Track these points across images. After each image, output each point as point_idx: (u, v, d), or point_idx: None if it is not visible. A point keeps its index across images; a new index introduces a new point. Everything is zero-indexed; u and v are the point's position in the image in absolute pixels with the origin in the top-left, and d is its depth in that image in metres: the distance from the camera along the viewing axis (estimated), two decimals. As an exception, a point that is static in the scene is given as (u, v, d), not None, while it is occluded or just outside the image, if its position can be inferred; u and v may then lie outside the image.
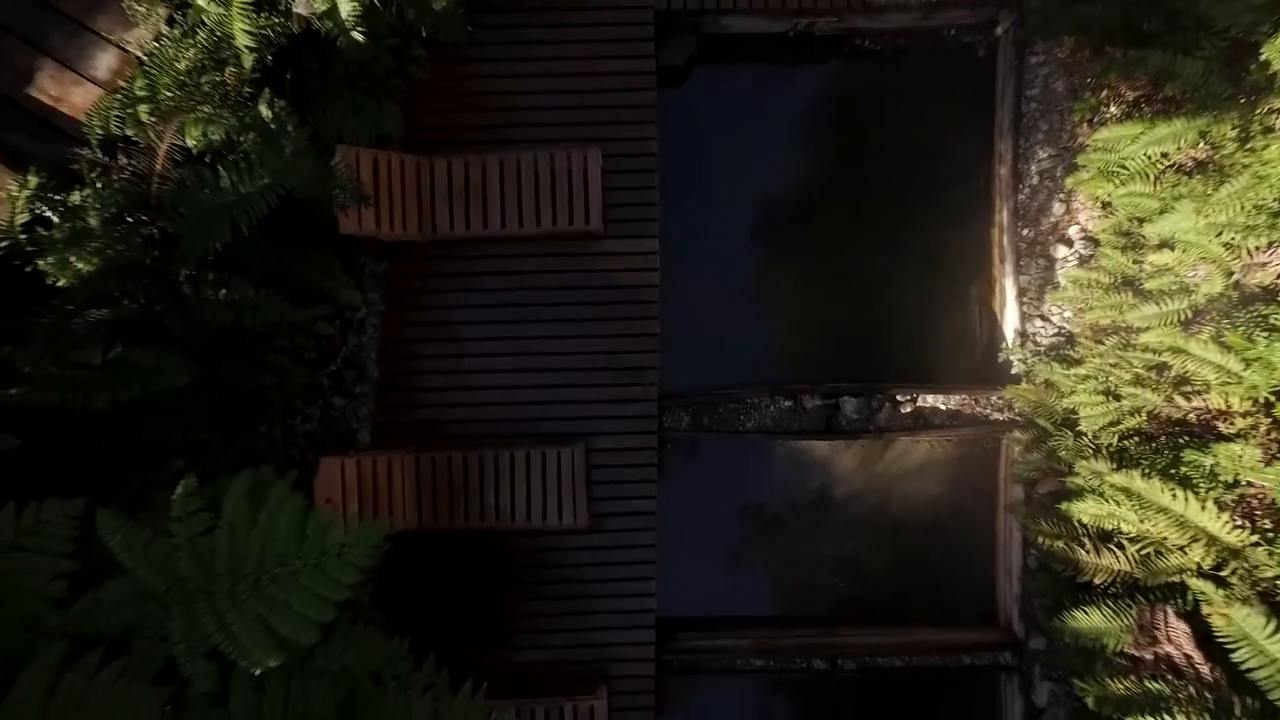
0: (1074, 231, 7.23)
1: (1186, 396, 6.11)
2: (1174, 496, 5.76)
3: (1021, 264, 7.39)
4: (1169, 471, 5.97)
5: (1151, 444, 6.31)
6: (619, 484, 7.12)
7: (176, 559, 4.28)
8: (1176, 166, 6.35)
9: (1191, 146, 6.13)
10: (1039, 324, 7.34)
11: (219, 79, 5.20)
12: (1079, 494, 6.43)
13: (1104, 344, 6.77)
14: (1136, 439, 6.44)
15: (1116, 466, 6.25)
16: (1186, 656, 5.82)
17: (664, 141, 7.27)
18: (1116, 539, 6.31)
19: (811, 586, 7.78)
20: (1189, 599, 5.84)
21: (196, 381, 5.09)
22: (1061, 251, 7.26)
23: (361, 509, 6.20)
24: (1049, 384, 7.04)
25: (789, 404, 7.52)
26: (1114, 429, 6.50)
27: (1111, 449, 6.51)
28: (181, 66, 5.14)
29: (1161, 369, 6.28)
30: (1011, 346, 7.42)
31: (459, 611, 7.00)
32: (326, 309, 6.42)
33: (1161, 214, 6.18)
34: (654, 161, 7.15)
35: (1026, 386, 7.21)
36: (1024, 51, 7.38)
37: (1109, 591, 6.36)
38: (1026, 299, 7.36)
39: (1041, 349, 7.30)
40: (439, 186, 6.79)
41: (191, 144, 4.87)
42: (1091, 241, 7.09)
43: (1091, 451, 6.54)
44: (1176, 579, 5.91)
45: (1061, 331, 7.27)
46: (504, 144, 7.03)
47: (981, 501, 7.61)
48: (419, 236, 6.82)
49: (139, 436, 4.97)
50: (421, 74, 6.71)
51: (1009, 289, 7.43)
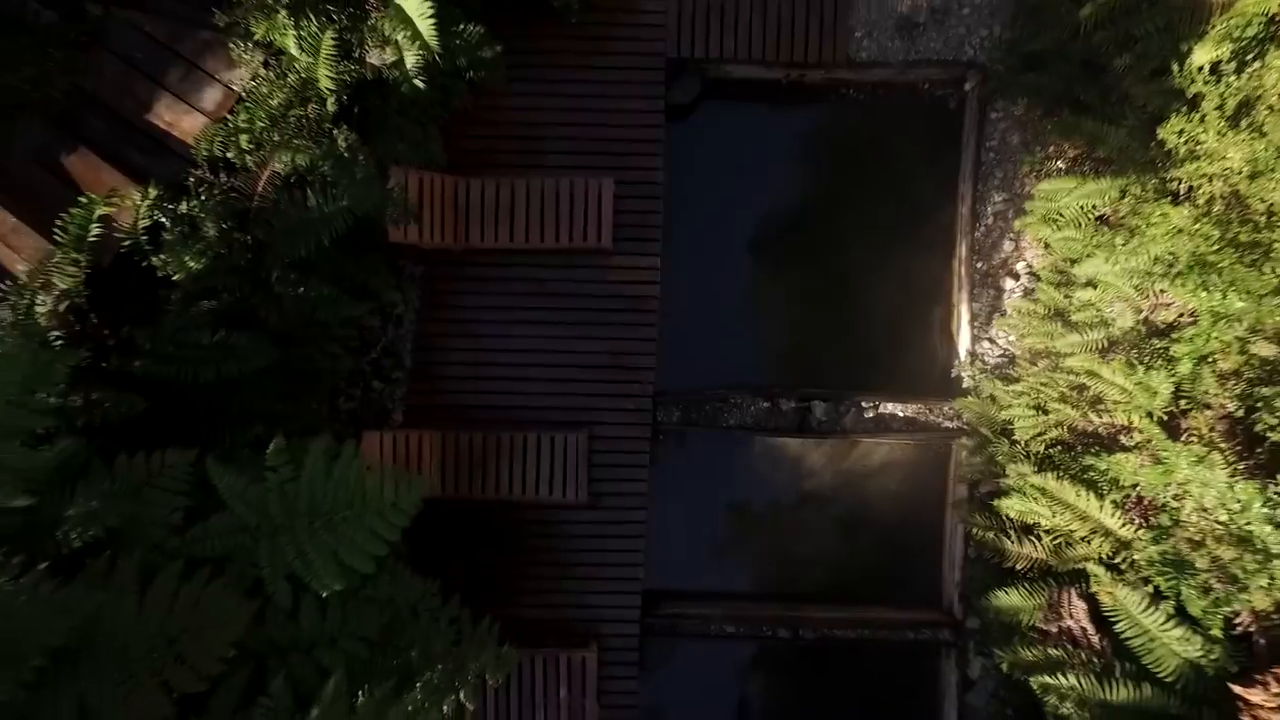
0: (1020, 267, 8.54)
1: (1099, 413, 7.41)
2: (1078, 495, 7.08)
3: (975, 292, 8.68)
4: (1079, 475, 7.28)
5: (1070, 452, 7.61)
6: (616, 467, 8.42)
7: (267, 500, 5.59)
8: (1103, 217, 7.65)
9: (1115, 201, 7.42)
10: (987, 345, 8.65)
11: (304, 114, 6.51)
12: (1008, 493, 7.74)
13: (1037, 365, 8.08)
14: (1059, 447, 7.75)
15: (1038, 469, 7.57)
16: (1083, 629, 7.15)
17: (669, 169, 8.57)
18: (1036, 531, 7.63)
19: (780, 566, 9.09)
20: (1090, 582, 7.14)
21: (274, 363, 6.40)
22: (1009, 284, 8.57)
23: (397, 476, 7.49)
24: (992, 398, 8.34)
25: (767, 405, 8.83)
26: (1041, 438, 7.80)
27: (1038, 455, 7.82)
28: (274, 103, 6.44)
29: (1081, 389, 7.58)
30: (963, 364, 8.72)
31: (473, 571, 8.28)
32: (373, 305, 7.72)
33: (1087, 257, 7.48)
34: (659, 190, 8.45)
35: (973, 399, 8.49)
36: (986, 107, 8.67)
37: (1027, 576, 7.68)
38: (977, 323, 8.66)
39: (988, 367, 8.60)
40: (473, 203, 8.08)
41: (279, 168, 6.17)
42: (1034, 276, 8.39)
43: (1022, 457, 7.85)
44: (1081, 565, 7.22)
45: (1005, 353, 8.57)
46: (530, 169, 8.32)
47: (932, 498, 8.91)
48: (453, 246, 8.11)
49: (229, 405, 6.27)
50: (461, 105, 7.99)
51: (964, 314, 8.73)
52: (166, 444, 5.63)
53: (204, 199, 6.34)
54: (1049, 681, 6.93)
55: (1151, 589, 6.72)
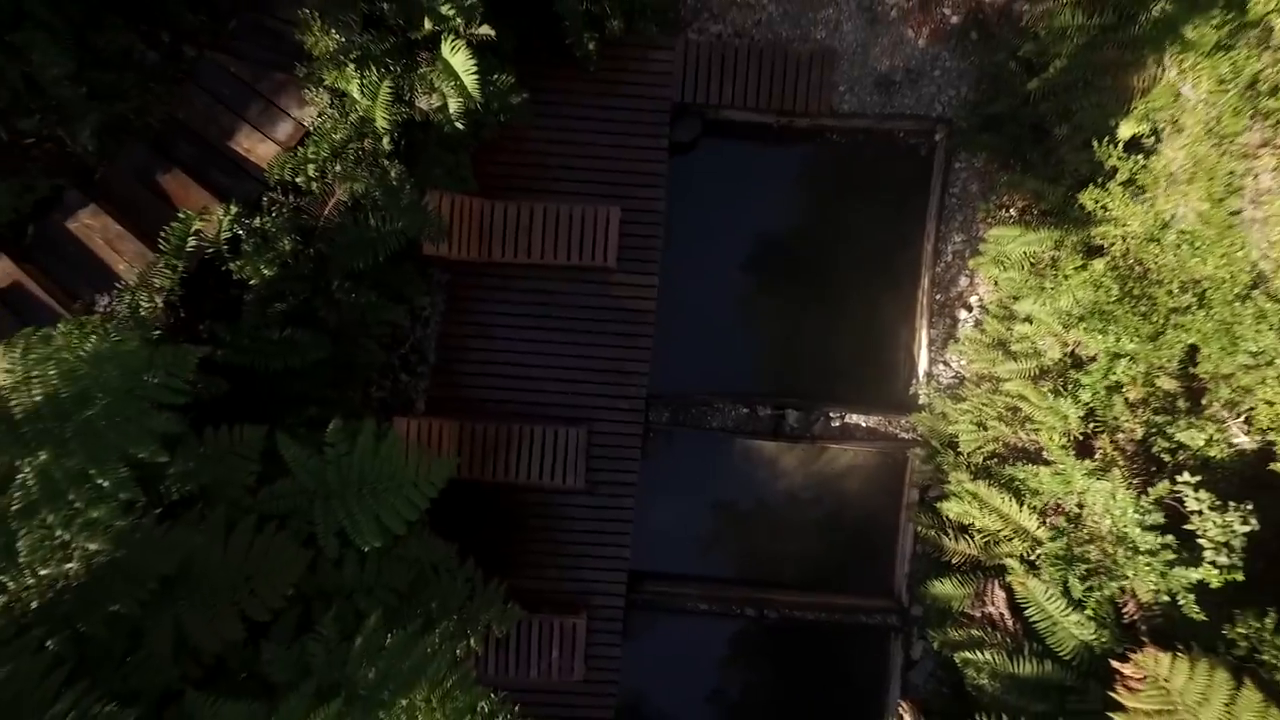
0: (973, 300, 9.95)
1: (1028, 431, 8.83)
2: (1003, 501, 8.51)
3: (934, 320, 10.09)
4: (1006, 483, 8.70)
5: (1003, 463, 9.03)
6: (610, 460, 9.83)
7: (326, 469, 7.00)
8: (1041, 262, 9.05)
9: (1051, 250, 8.83)
10: (941, 368, 10.06)
11: (361, 148, 7.90)
12: (949, 497, 9.17)
13: (981, 388, 9.49)
14: (995, 459, 9.17)
15: (974, 477, 8.99)
16: (1001, 615, 8.58)
17: (670, 198, 9.96)
18: (970, 531, 9.05)
19: (751, 554, 10.52)
20: (1009, 575, 8.56)
21: (327, 356, 7.81)
22: (963, 314, 9.98)
23: (422, 457, 8.90)
24: (942, 414, 9.75)
25: (746, 411, 10.24)
26: (981, 451, 9.23)
27: (978, 465, 9.24)
28: (337, 138, 7.83)
29: (1015, 410, 9.00)
30: (920, 383, 10.13)
31: (481, 545, 9.66)
32: (407, 307, 9.13)
33: (1024, 297, 8.88)
34: (660, 217, 9.84)
35: (927, 414, 9.91)
36: (952, 158, 10.07)
37: (960, 568, 9.11)
38: (934, 347, 10.07)
39: (941, 387, 10.02)
40: (496, 222, 9.46)
41: (343, 196, 7.56)
42: (984, 309, 9.80)
43: (962, 466, 9.27)
44: (1003, 561, 8.64)
45: (956, 375, 9.99)
46: (547, 194, 9.72)
47: (888, 500, 10.33)
48: (477, 258, 9.50)
49: (290, 390, 7.67)
50: (490, 136, 9.37)
51: (923, 338, 10.14)
52: (242, 420, 7.04)
53: (274, 216, 7.74)
54: (969, 657, 8.36)
55: (1084, 590, 8.14)
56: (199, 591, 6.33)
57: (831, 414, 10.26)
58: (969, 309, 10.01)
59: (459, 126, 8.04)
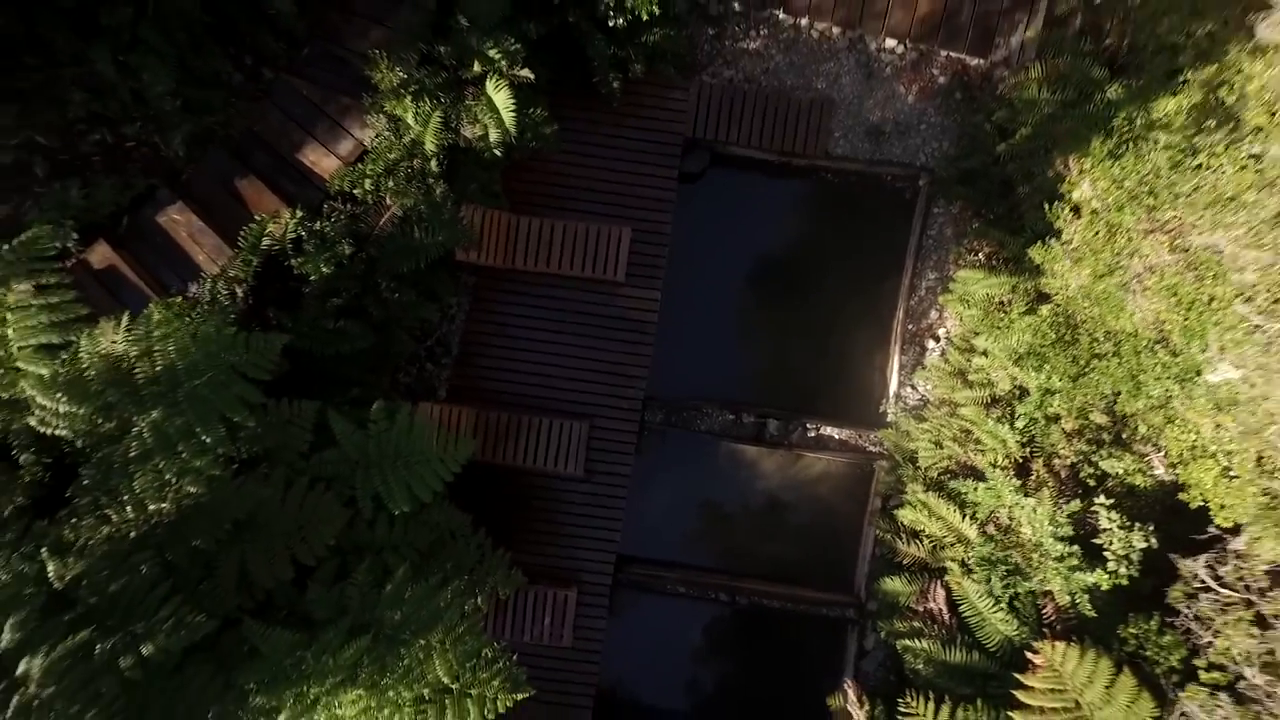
0: (941, 332, 11.43)
1: (977, 452, 10.30)
2: (948, 510, 9.98)
3: (905, 347, 11.56)
4: (953, 496, 10.17)
5: (954, 479, 10.50)
6: (608, 452, 11.30)
7: (367, 442, 8.49)
8: (998, 304, 10.52)
9: (1008, 294, 10.29)
10: (909, 390, 11.53)
11: (411, 167, 9.37)
12: (905, 505, 10.65)
13: (941, 411, 10.96)
14: (947, 474, 10.64)
15: (927, 489, 10.47)
16: (940, 610, 10.06)
17: (677, 221, 11.42)
18: (920, 536, 10.53)
19: (728, 546, 12.00)
20: (948, 576, 10.04)
21: (370, 346, 9.29)
22: (931, 345, 11.46)
23: (442, 438, 10.38)
24: (906, 432, 11.23)
25: (732, 417, 11.72)
26: (936, 466, 10.71)
27: (933, 479, 10.71)
28: (391, 157, 9.30)
29: (968, 432, 10.47)
30: (889, 403, 11.61)
31: (490, 519, 11.13)
32: (438, 305, 10.60)
33: (982, 334, 10.35)
34: (666, 239, 11.30)
35: (893, 431, 11.38)
36: (931, 203, 11.54)
37: (910, 569, 10.58)
38: (904, 372, 11.54)
39: (907, 407, 11.49)
40: (520, 234, 10.92)
41: (396, 210, 9.03)
42: (949, 341, 11.27)
43: (919, 479, 10.75)
44: (946, 563, 10.12)
45: (921, 398, 11.46)
46: (567, 211, 11.18)
47: (854, 506, 11.81)
48: (501, 265, 10.97)
49: (337, 373, 9.15)
50: (519, 157, 10.83)
51: (895, 363, 11.61)
52: (299, 396, 8.52)
53: (333, 221, 9.22)
54: (909, 644, 9.86)
55: (1002, 589, 9.62)
56: (261, 535, 7.81)
57: (808, 425, 11.74)
58: (936, 340, 11.48)
59: (496, 154, 9.52)
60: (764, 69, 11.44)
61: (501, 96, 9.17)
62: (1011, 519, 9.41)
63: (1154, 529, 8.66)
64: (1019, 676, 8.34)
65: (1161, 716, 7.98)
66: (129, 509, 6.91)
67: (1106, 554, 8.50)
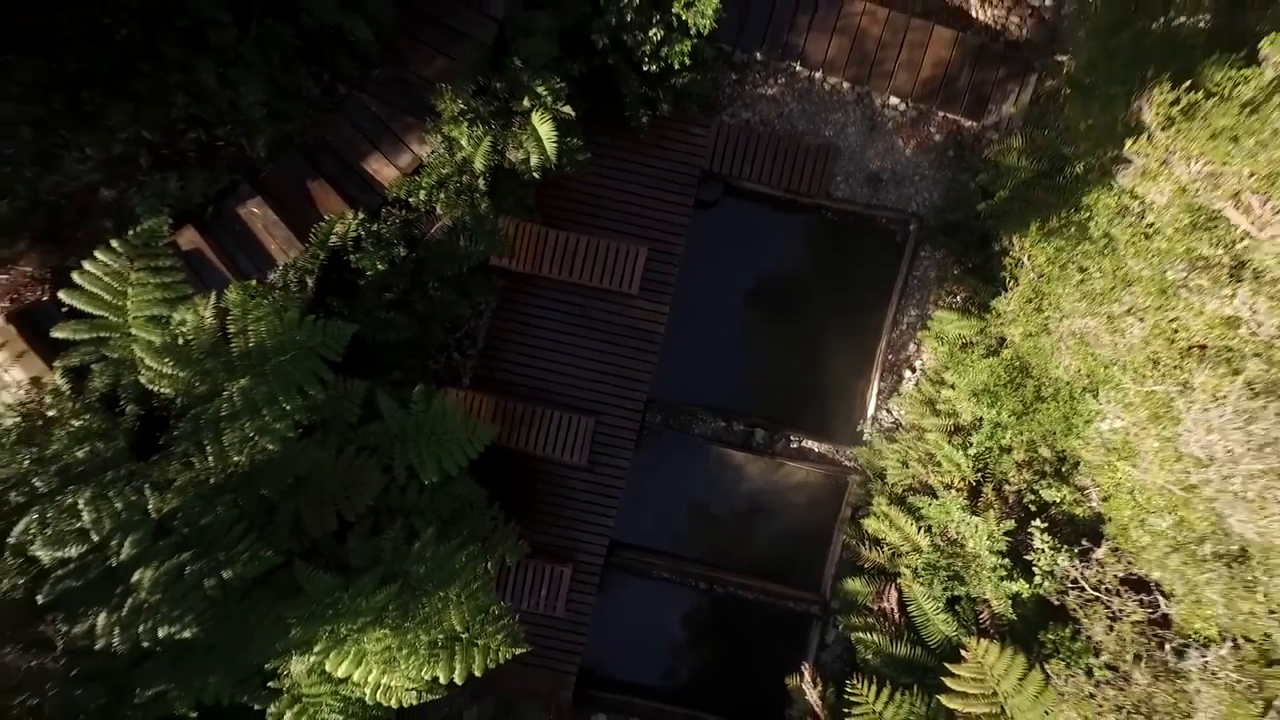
0: (917, 364, 13.07)
1: (938, 474, 11.95)
2: (905, 522, 11.63)
3: (885, 375, 13.20)
4: (911, 509, 11.82)
5: (916, 495, 12.15)
6: (610, 446, 12.94)
7: (408, 420, 10.13)
8: (967, 344, 12.15)
9: (976, 335, 11.92)
10: (884, 414, 13.18)
11: (460, 183, 11.00)
12: (870, 515, 12.30)
13: (910, 434, 12.60)
14: (910, 491, 12.28)
15: (890, 503, 12.11)
16: (892, 609, 11.71)
17: (690, 243, 13.05)
18: (881, 544, 12.17)
19: (711, 541, 13.65)
20: (901, 580, 11.69)
21: (412, 336, 10.93)
22: (907, 374, 13.10)
23: (465, 422, 12.03)
24: (879, 451, 12.86)
25: (724, 424, 13.36)
26: (901, 483, 12.35)
27: (896, 495, 12.36)
28: (443, 172, 10.92)
29: (931, 455, 12.11)
30: (866, 423, 13.25)
31: (501, 496, 12.76)
32: (470, 303, 12.24)
33: (949, 369, 11.99)
34: (678, 259, 12.93)
35: (867, 449, 13.02)
36: (919, 247, 13.17)
37: (870, 571, 12.22)
38: (881, 397, 13.18)
39: (882, 429, 13.13)
40: (547, 245, 12.55)
41: (447, 220, 10.67)
42: (923, 373, 12.91)
43: (885, 493, 12.39)
44: (901, 569, 11.76)
45: (895, 422, 13.10)
46: (591, 228, 12.81)
47: (827, 514, 13.45)
48: (529, 271, 12.59)
49: (381, 358, 10.79)
50: (552, 176, 12.45)
51: (874, 388, 13.25)
52: (350, 375, 10.15)
53: (389, 224, 10.85)
54: (862, 637, 11.50)
55: (941, 591, 11.28)
56: (314, 491, 9.44)
57: (792, 437, 13.38)
58: (912, 370, 13.13)
59: (535, 175, 11.15)
60: (778, 114, 13.06)
61: (546, 128, 10.80)
62: (959, 533, 11.06)
63: (1079, 552, 10.31)
64: (950, 666, 9.99)
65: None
66: (211, 459, 8.54)
67: (1034, 569, 10.15)
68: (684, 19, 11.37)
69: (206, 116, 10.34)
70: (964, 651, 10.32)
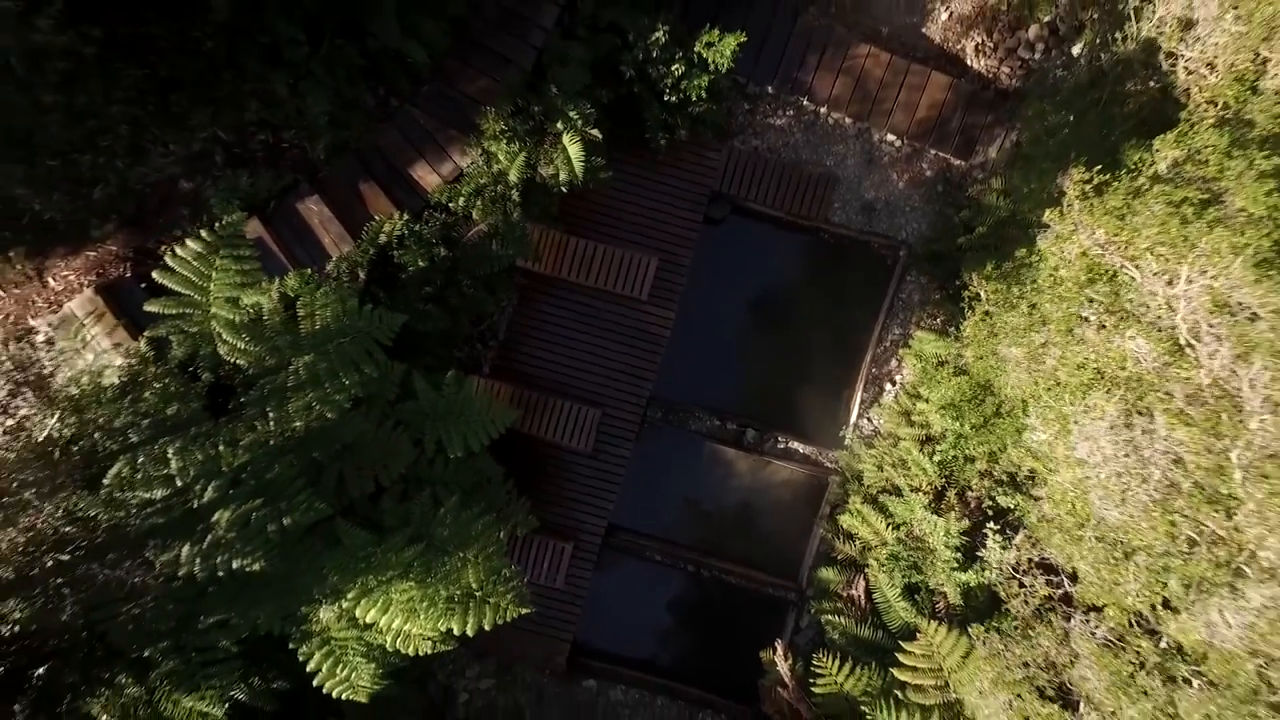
0: (898, 378, 14.75)
1: (909, 478, 13.62)
2: (876, 519, 13.30)
3: (867, 387, 14.88)
4: (882, 508, 13.49)
5: (887, 495, 13.82)
6: (613, 436, 14.62)
7: (439, 401, 11.80)
8: (940, 362, 13.82)
9: (950, 354, 13.59)
10: (865, 422, 14.86)
11: (495, 192, 12.66)
12: (846, 512, 13.98)
13: (886, 441, 14.28)
14: (883, 492, 13.96)
15: (863, 502, 13.79)
16: (860, 596, 13.40)
17: (697, 256, 14.71)
18: (854, 538, 13.85)
19: (700, 528, 15.33)
20: (869, 570, 13.36)
21: (445, 326, 12.61)
22: (888, 387, 14.78)
23: (485, 406, 13.70)
24: (858, 455, 14.54)
25: (718, 423, 15.04)
26: (876, 485, 14.03)
27: (870, 495, 14.04)
28: (480, 182, 12.58)
29: (904, 461, 13.79)
30: (848, 429, 14.92)
31: (514, 475, 14.40)
32: (495, 299, 13.91)
33: (924, 384, 13.65)
34: (686, 270, 14.60)
35: (847, 453, 14.69)
36: (906, 272, 14.85)
37: (842, 563, 13.90)
38: (864, 406, 14.86)
39: (862, 435, 14.81)
40: (567, 250, 14.21)
41: (483, 226, 12.34)
42: (902, 387, 14.58)
43: (861, 493, 14.07)
44: (869, 561, 13.44)
45: (874, 429, 14.79)
46: (608, 237, 14.48)
47: (807, 510, 15.13)
48: (549, 273, 14.25)
49: (417, 345, 12.45)
50: (576, 189, 14.10)
51: (858, 398, 14.92)
52: (391, 358, 11.82)
53: (429, 225, 12.52)
54: (830, 619, 13.19)
55: (901, 579, 12.96)
56: (356, 457, 11.11)
57: (780, 438, 15.05)
58: (893, 384, 14.80)
59: (563, 189, 12.83)
60: (785, 143, 14.73)
61: (575, 149, 12.47)
62: (921, 530, 12.73)
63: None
64: (904, 644, 11.67)
65: (1004, 689, 11.32)
66: (273, 424, 10.20)
67: (984, 563, 11.83)
68: (704, 56, 13.04)
69: (275, 121, 12.00)
70: (918, 632, 11.99)
